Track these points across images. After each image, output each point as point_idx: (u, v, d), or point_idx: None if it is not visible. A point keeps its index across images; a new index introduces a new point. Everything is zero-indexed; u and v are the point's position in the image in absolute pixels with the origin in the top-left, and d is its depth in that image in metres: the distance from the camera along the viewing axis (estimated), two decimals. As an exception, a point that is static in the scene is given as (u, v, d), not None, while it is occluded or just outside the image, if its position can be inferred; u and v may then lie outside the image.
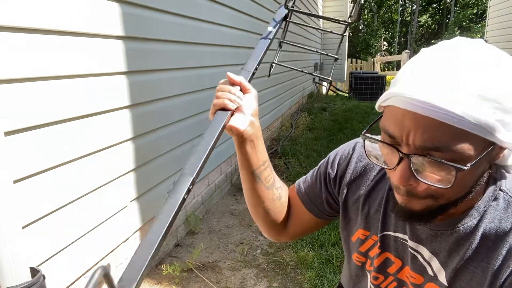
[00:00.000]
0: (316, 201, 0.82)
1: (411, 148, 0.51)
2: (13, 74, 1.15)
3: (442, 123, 0.48)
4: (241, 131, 0.71)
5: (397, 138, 0.52)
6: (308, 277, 2.04)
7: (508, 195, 0.59)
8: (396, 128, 0.52)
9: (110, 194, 1.63)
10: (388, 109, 0.55)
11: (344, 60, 9.76)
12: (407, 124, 0.51)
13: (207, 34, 2.62)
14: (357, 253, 0.77)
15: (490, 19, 8.34)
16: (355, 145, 0.78)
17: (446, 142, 0.49)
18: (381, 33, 24.02)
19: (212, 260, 2.21)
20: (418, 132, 0.50)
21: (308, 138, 4.87)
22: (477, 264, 0.58)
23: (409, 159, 0.51)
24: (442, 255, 0.62)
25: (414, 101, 0.49)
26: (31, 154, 1.22)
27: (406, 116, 0.51)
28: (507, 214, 0.57)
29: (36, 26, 1.22)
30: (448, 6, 26.45)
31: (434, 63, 0.51)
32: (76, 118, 1.41)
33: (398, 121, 0.52)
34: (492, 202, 0.59)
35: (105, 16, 1.55)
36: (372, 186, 0.73)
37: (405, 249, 0.68)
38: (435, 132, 0.49)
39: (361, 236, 0.75)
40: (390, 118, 0.54)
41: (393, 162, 0.55)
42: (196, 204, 2.63)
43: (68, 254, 1.40)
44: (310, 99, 7.82)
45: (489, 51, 0.51)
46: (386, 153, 0.57)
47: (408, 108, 0.50)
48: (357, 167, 0.76)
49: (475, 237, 0.59)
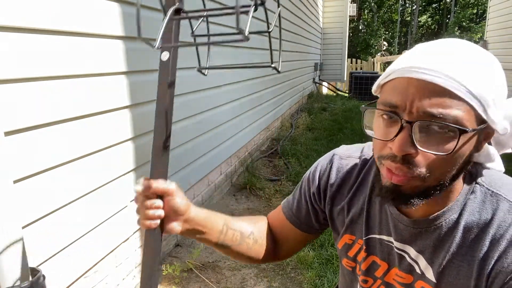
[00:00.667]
0: (305, 220, 0.83)
1: (413, 115, 0.52)
2: (13, 74, 1.15)
3: (445, 90, 0.51)
4: (179, 232, 0.67)
5: (400, 106, 0.53)
6: (308, 277, 2.04)
7: (484, 187, 0.60)
8: (400, 97, 0.53)
9: (110, 194, 1.63)
10: (389, 84, 0.57)
11: (344, 60, 9.76)
12: (412, 90, 0.52)
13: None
14: (346, 258, 0.77)
15: (490, 19, 8.33)
16: (332, 157, 0.79)
17: (448, 109, 0.51)
18: (381, 33, 24.02)
19: (212, 260, 2.21)
20: (423, 97, 0.51)
21: (308, 138, 4.87)
22: (462, 258, 0.59)
23: (411, 125, 0.52)
24: (427, 252, 0.63)
25: (420, 69, 0.52)
26: (31, 154, 1.22)
27: (411, 83, 0.52)
28: (485, 206, 0.59)
29: (36, 26, 1.22)
30: (448, 6, 26.45)
31: (435, 44, 0.56)
32: (76, 118, 1.41)
33: (402, 89, 0.53)
34: (470, 195, 0.61)
35: (105, 16, 1.55)
36: (353, 192, 0.74)
37: (391, 250, 0.69)
38: (439, 98, 0.51)
39: (348, 240, 0.76)
40: (392, 90, 0.55)
41: (392, 132, 0.55)
42: (196, 204, 2.61)
43: (68, 254, 1.40)
44: (310, 99, 7.82)
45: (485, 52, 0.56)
46: (385, 125, 0.57)
47: (413, 76, 0.52)
48: (337, 179, 0.76)
49: (457, 231, 0.60)
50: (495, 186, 0.60)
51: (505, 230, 0.56)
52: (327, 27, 9.48)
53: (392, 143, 0.54)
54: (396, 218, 0.66)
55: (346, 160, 0.77)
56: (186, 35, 0.71)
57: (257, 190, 3.20)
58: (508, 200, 0.58)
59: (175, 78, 0.63)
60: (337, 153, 0.79)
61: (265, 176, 3.53)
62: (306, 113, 6.40)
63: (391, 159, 0.55)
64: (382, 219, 0.70)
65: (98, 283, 1.59)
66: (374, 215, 0.71)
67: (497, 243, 0.56)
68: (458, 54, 0.53)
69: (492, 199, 0.59)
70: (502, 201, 0.58)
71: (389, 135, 0.56)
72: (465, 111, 0.51)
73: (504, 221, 0.56)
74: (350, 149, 0.79)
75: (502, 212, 0.57)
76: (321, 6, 9.05)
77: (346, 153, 0.78)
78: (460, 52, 0.54)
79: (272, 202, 3.00)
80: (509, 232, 0.56)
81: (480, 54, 0.55)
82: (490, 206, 0.58)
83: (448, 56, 0.53)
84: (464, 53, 0.54)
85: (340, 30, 9.48)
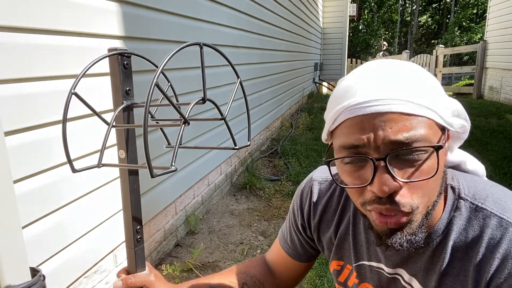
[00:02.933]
0: (303, 250, 0.83)
1: (380, 149, 0.50)
2: (13, 74, 1.15)
3: (403, 115, 0.49)
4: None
5: (364, 145, 0.50)
6: (308, 277, 2.04)
7: (468, 201, 0.58)
8: (360, 135, 0.50)
9: (111, 194, 1.63)
10: (340, 128, 0.54)
11: (344, 60, 9.76)
12: (370, 126, 0.50)
13: (206, 34, 2.62)
14: (337, 283, 0.77)
15: (490, 19, 8.33)
16: (311, 183, 0.78)
17: (412, 131, 0.49)
18: (381, 33, 24.02)
19: (212, 260, 2.21)
20: (385, 128, 0.49)
21: (308, 138, 4.87)
22: (454, 279, 0.57)
23: (385, 160, 0.49)
24: (420, 275, 0.61)
25: (366, 103, 0.50)
26: (32, 154, 1.22)
27: (366, 120, 0.50)
28: (472, 223, 0.56)
29: (36, 26, 1.22)
30: (448, 6, 26.44)
31: (363, 74, 0.54)
32: (75, 118, 1.41)
33: (360, 128, 0.51)
34: (454, 212, 0.58)
35: (105, 16, 1.55)
36: (338, 218, 0.73)
37: (381, 277, 0.67)
38: (399, 124, 0.49)
39: (336, 266, 0.75)
40: (347, 133, 0.52)
41: (364, 174, 0.52)
42: (196, 204, 2.63)
43: (69, 254, 1.40)
44: (310, 99, 7.82)
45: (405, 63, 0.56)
46: (352, 170, 0.54)
47: (366, 112, 0.50)
48: (319, 206, 0.76)
49: (446, 251, 0.57)
50: (479, 199, 0.57)
51: (494, 247, 0.53)
52: (327, 27, 9.48)
53: (371, 186, 0.51)
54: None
55: (324, 184, 0.76)
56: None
57: (257, 190, 3.20)
58: (495, 214, 0.55)
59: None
60: (314, 178, 0.78)
61: (265, 176, 3.53)
62: (306, 113, 6.40)
63: (377, 202, 0.52)
64: (369, 246, 0.68)
65: (98, 283, 1.59)
66: (360, 240, 0.70)
67: (489, 262, 0.53)
68: (390, 74, 0.52)
69: (478, 215, 0.56)
70: (489, 217, 0.55)
71: (362, 178, 0.53)
72: (426, 125, 0.50)
73: (493, 238, 0.54)
74: (326, 171, 0.78)
75: (490, 229, 0.54)
76: (321, 6, 9.05)
77: (323, 176, 0.78)
78: (389, 71, 0.52)
79: (272, 202, 3.00)
80: (499, 250, 0.53)
81: (402, 66, 0.53)
82: (477, 223, 0.56)
83: (385, 80, 0.51)
84: (393, 71, 0.52)
85: (340, 30, 9.49)
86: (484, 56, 8.45)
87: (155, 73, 0.50)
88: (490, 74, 8.31)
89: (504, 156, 3.95)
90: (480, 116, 6.19)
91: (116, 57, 0.62)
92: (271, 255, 0.90)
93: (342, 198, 0.73)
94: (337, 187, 0.74)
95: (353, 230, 0.71)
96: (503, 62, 7.59)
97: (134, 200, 0.68)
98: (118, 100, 0.64)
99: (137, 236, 0.68)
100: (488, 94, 8.42)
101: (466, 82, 12.71)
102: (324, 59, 9.60)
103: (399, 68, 0.53)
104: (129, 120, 0.66)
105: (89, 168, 0.63)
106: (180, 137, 0.56)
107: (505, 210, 0.55)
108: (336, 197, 0.74)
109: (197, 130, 2.53)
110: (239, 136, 3.40)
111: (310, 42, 7.66)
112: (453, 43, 22.07)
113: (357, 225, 0.70)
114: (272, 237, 2.47)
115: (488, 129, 5.18)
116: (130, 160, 0.66)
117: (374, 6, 25.22)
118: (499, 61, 7.78)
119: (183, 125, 0.53)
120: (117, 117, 0.64)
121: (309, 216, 0.77)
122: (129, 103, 0.64)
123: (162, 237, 2.17)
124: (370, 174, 0.51)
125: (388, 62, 0.55)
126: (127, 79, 0.64)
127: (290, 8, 5.40)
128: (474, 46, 9.14)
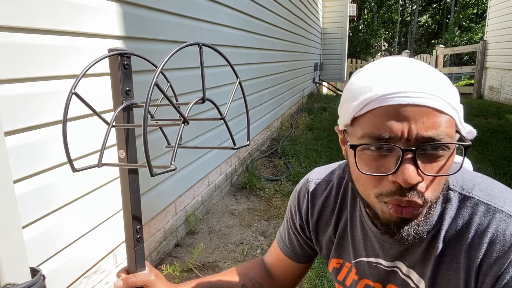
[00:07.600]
0: (301, 251, 0.84)
1: (411, 142, 0.50)
2: (13, 74, 1.15)
3: (435, 111, 0.50)
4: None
5: (394, 136, 0.51)
6: (308, 277, 2.04)
7: (456, 192, 0.60)
8: (392, 126, 0.51)
9: (111, 194, 1.63)
10: (368, 115, 0.53)
11: (344, 60, 9.76)
12: (405, 117, 0.50)
13: (206, 34, 2.62)
14: (337, 282, 0.78)
15: (490, 19, 8.33)
16: (307, 184, 0.79)
17: (440, 128, 0.50)
18: (381, 33, 24.03)
19: (212, 260, 2.21)
20: (418, 121, 0.50)
21: (308, 138, 4.87)
22: (448, 267, 0.59)
23: (414, 152, 0.50)
24: (417, 266, 0.63)
25: (405, 94, 0.50)
26: (32, 154, 1.22)
27: (403, 110, 0.50)
28: (461, 212, 0.59)
29: (36, 26, 1.22)
30: (448, 6, 26.44)
31: (393, 66, 0.55)
32: (75, 118, 1.41)
33: (393, 117, 0.50)
34: (446, 203, 0.60)
35: (105, 16, 1.55)
36: (336, 217, 0.74)
37: (380, 271, 0.68)
38: (432, 120, 0.50)
39: (336, 264, 0.76)
40: (377, 121, 0.52)
41: (388, 165, 0.52)
42: (196, 204, 2.63)
43: (68, 254, 1.40)
44: (310, 99, 7.82)
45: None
46: (373, 159, 0.54)
47: (400, 102, 0.50)
48: (317, 206, 0.77)
49: (439, 241, 0.59)
50: (467, 188, 0.60)
51: (483, 233, 0.55)
52: (327, 27, 9.48)
53: (395, 176, 0.51)
54: (381, 238, 0.66)
55: (320, 184, 0.77)
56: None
57: (257, 190, 3.20)
58: (482, 202, 0.57)
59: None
60: (311, 179, 0.79)
61: (265, 176, 3.53)
62: (306, 113, 6.40)
63: (398, 193, 0.52)
64: (366, 242, 0.69)
65: (98, 283, 1.59)
66: (358, 237, 0.71)
67: (478, 247, 0.55)
68: (421, 70, 0.53)
69: (467, 204, 0.58)
70: (477, 205, 0.57)
71: (384, 168, 0.53)
72: (451, 124, 0.52)
73: (481, 224, 0.56)
74: (322, 172, 0.79)
75: (479, 216, 0.57)
76: (321, 6, 9.05)
77: (319, 177, 0.78)
78: (421, 68, 0.54)
79: (272, 202, 3.00)
80: (487, 235, 0.55)
81: (429, 66, 0.55)
82: (466, 211, 0.58)
83: (417, 74, 0.52)
84: (424, 68, 0.54)
85: (340, 30, 9.49)
86: (484, 56, 8.44)
87: (155, 73, 0.51)
88: (490, 74, 8.30)
89: (504, 156, 3.95)
90: (480, 116, 6.19)
91: (116, 58, 0.62)
92: (269, 258, 0.90)
93: (339, 198, 0.74)
94: (333, 187, 0.75)
95: (350, 228, 0.72)
96: (503, 62, 7.59)
97: (134, 200, 0.68)
98: (118, 100, 0.64)
99: (137, 236, 0.68)
100: (488, 94, 8.41)
101: (466, 82, 12.71)
102: (324, 59, 9.60)
103: (425, 65, 0.55)
104: (129, 120, 0.66)
105: (89, 168, 0.63)
106: (180, 137, 0.56)
107: (492, 197, 0.57)
108: (333, 197, 0.75)
109: (196, 130, 2.53)
110: (239, 136, 3.40)
111: (310, 42, 7.66)
112: (453, 43, 22.06)
113: (354, 223, 0.71)
114: (272, 237, 2.47)
115: (488, 129, 5.18)
116: (130, 159, 0.66)
117: (374, 6, 25.23)
118: (499, 61, 7.77)
119: (183, 124, 0.54)
120: (117, 117, 0.64)
121: (307, 216, 0.78)
122: (129, 103, 0.65)
123: (162, 237, 2.17)
124: (394, 164, 0.51)
125: (410, 58, 0.57)
126: (127, 79, 0.64)
127: (290, 8, 5.40)
128: (474, 46, 9.14)
